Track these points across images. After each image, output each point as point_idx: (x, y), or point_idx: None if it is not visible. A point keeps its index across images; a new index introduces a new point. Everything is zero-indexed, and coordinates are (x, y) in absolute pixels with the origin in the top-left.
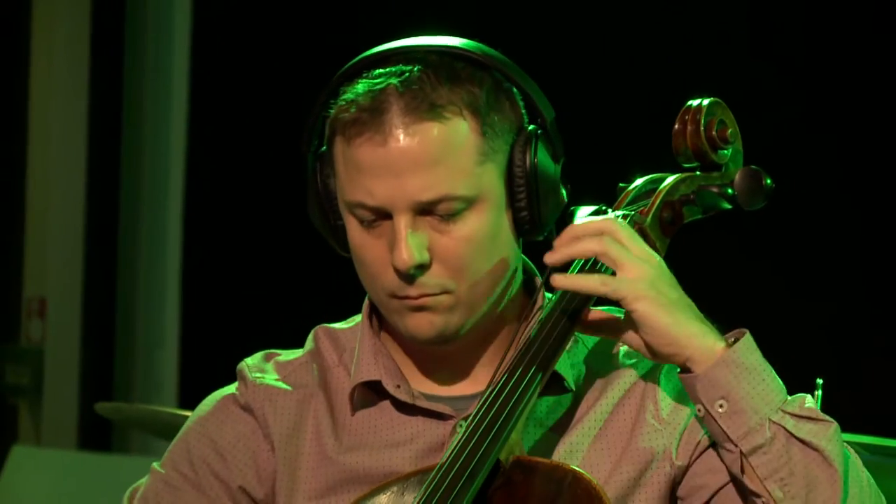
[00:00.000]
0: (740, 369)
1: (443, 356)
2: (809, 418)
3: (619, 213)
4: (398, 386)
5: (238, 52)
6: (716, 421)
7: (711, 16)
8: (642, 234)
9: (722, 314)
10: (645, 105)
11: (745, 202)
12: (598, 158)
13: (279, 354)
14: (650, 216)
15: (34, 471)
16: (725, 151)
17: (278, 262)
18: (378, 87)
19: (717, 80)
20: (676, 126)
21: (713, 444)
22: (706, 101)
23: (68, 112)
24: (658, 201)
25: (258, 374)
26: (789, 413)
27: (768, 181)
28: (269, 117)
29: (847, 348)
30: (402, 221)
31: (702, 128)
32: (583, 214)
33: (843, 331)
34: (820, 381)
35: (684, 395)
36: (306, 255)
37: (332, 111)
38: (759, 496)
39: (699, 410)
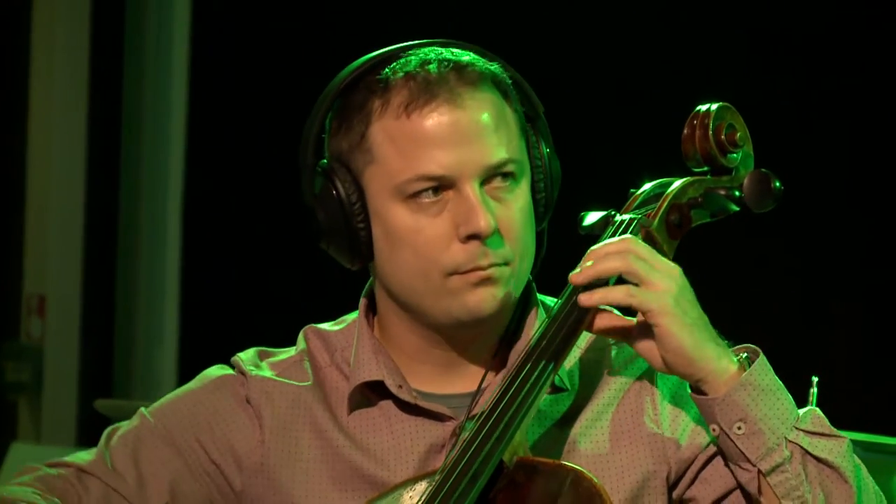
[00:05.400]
0: (757, 391)
1: (436, 355)
2: (823, 434)
3: (627, 216)
4: (400, 386)
5: (237, 50)
6: (733, 442)
7: (725, 19)
8: (649, 236)
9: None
10: (656, 110)
11: (754, 205)
12: (607, 164)
13: (271, 354)
14: (657, 219)
15: None
16: (735, 155)
17: (277, 261)
18: (429, 65)
19: (731, 85)
20: (685, 131)
21: (716, 455)
22: (715, 106)
23: (68, 109)
24: (665, 204)
25: (253, 368)
26: (804, 430)
27: (777, 183)
28: (267, 116)
29: (843, 342)
30: (474, 188)
31: (710, 132)
32: (591, 220)
33: (841, 328)
34: (815, 378)
35: (680, 399)
36: (305, 254)
37: (361, 103)
38: None
39: (714, 430)
